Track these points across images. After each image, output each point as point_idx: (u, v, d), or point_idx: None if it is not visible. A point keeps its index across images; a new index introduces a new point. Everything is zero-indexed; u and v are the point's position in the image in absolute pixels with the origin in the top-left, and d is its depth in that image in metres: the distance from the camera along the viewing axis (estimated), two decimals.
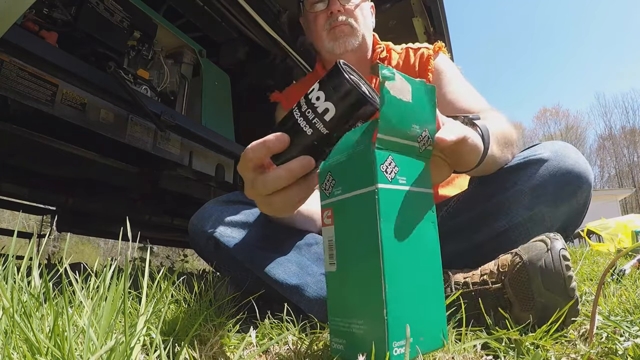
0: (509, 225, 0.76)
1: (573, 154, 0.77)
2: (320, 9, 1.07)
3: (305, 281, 0.76)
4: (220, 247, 0.82)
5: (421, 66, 1.08)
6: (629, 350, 0.45)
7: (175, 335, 0.53)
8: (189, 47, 1.86)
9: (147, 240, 2.34)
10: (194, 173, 1.74)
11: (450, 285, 0.68)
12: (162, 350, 0.40)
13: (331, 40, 1.06)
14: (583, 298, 0.79)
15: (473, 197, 0.83)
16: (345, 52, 1.06)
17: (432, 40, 2.42)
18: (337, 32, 1.05)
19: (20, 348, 0.39)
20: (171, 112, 1.50)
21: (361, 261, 0.45)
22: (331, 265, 0.49)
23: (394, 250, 0.44)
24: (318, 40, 1.10)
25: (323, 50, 1.11)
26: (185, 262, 5.44)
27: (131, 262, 1.37)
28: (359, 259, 0.45)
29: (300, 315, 0.72)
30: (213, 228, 0.82)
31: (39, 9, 1.22)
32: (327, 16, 1.06)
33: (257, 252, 0.80)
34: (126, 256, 0.50)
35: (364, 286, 0.45)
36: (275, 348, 0.56)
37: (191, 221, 0.87)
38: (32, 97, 1.11)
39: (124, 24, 1.45)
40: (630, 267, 1.07)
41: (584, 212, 0.80)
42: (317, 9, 1.07)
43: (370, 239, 0.44)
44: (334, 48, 1.06)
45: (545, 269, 0.58)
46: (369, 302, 0.44)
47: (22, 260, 0.62)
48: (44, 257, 2.80)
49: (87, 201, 1.96)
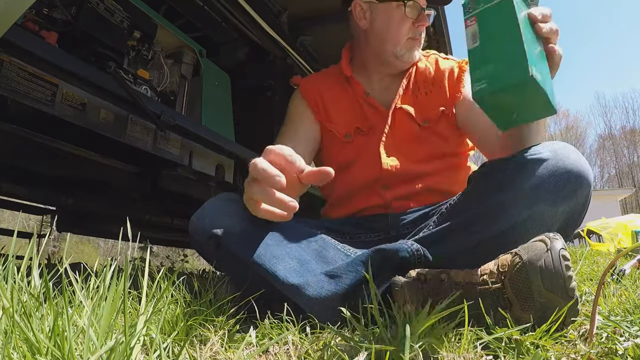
0: (509, 224, 0.76)
1: (573, 154, 0.77)
2: (410, 17, 1.07)
3: (305, 280, 0.76)
4: (221, 245, 0.82)
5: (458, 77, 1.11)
6: (629, 350, 0.45)
7: (175, 335, 0.53)
8: (189, 47, 1.86)
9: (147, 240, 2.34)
10: (194, 173, 1.74)
11: (450, 286, 0.68)
12: (162, 350, 0.40)
13: (407, 50, 1.09)
14: (583, 298, 0.79)
15: (472, 196, 0.84)
16: (409, 62, 1.12)
17: (432, 40, 2.42)
18: (415, 44, 1.10)
19: (20, 348, 0.39)
20: (171, 112, 1.50)
21: (501, 31, 0.70)
22: (474, 44, 0.73)
23: (524, 25, 0.69)
24: (390, 42, 1.09)
25: (388, 52, 1.10)
26: (185, 262, 5.44)
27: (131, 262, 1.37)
28: (500, 32, 0.70)
29: (301, 315, 0.72)
30: (214, 226, 0.82)
31: (39, 9, 1.22)
32: (413, 26, 1.08)
33: (257, 250, 0.79)
34: (126, 256, 0.50)
35: (504, 42, 0.69)
36: (275, 348, 0.56)
37: (191, 220, 0.87)
38: (32, 97, 1.11)
39: (124, 24, 1.45)
40: (630, 267, 1.07)
41: (584, 211, 0.80)
42: (408, 14, 1.07)
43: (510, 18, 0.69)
44: (405, 56, 1.09)
45: (545, 269, 0.58)
46: (509, 50, 0.68)
47: (22, 260, 0.62)
48: (44, 257, 2.80)
49: (87, 201, 1.96)
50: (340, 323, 0.63)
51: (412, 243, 0.79)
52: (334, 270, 0.76)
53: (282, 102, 2.12)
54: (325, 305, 0.73)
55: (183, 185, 1.78)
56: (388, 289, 0.73)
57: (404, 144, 1.08)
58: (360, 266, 0.75)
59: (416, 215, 1.00)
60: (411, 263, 0.78)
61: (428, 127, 1.08)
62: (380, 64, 1.14)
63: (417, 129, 1.08)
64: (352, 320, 0.57)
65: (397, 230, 1.00)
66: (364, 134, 1.10)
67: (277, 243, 0.82)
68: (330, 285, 0.75)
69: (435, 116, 1.09)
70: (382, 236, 1.01)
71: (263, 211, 0.70)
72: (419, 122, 1.09)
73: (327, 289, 0.74)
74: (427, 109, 1.10)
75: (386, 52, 1.11)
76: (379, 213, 1.05)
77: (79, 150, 1.52)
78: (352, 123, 1.12)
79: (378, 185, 1.06)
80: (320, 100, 1.16)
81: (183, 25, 1.88)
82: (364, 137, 1.10)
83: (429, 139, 1.08)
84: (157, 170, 1.69)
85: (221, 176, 1.84)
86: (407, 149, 1.08)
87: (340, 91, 1.17)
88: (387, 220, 1.03)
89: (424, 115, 1.09)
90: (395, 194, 1.04)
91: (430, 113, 1.09)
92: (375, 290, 0.60)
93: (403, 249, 0.78)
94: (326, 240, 0.91)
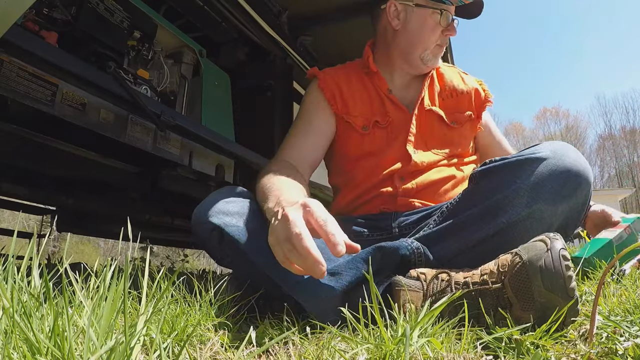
0: (508, 223, 0.76)
1: (572, 153, 0.77)
2: (441, 24, 1.10)
3: (306, 278, 0.76)
4: (224, 237, 0.81)
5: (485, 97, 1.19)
6: (629, 350, 0.45)
7: (175, 336, 0.53)
8: (189, 47, 1.86)
9: (147, 240, 2.34)
10: (194, 173, 1.74)
11: (450, 285, 0.68)
12: (162, 350, 0.40)
13: (433, 55, 1.14)
14: (583, 298, 0.79)
15: (472, 195, 0.84)
16: (433, 68, 1.18)
17: None
18: (439, 52, 1.15)
19: (20, 348, 0.39)
20: (171, 112, 1.50)
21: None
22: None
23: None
24: (419, 46, 1.12)
25: (415, 54, 1.13)
26: (185, 262, 5.45)
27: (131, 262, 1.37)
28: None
29: (301, 315, 0.72)
30: (217, 218, 0.82)
31: (39, 9, 1.22)
32: (442, 34, 1.12)
33: (261, 243, 0.79)
34: (126, 256, 0.50)
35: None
36: (275, 348, 0.56)
37: (194, 212, 0.87)
38: (32, 97, 1.11)
39: (124, 24, 1.45)
40: (630, 267, 1.07)
41: (584, 210, 0.80)
42: (441, 22, 1.10)
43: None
44: (430, 61, 1.14)
45: (545, 269, 0.58)
46: None
47: (22, 260, 0.62)
48: (44, 257, 2.80)
49: (87, 201, 1.96)
50: (341, 322, 0.63)
51: (413, 241, 0.79)
52: (335, 268, 0.76)
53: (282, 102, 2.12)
54: (325, 303, 0.73)
55: (183, 185, 1.78)
56: (388, 289, 0.73)
57: (431, 141, 1.12)
58: (361, 264, 0.75)
59: (419, 215, 1.00)
60: (411, 261, 0.78)
61: (456, 128, 1.14)
62: (405, 63, 1.17)
63: (444, 129, 1.14)
64: (352, 320, 0.57)
65: (401, 230, 1.01)
66: (383, 128, 1.13)
67: None
68: (330, 282, 0.74)
69: (463, 119, 1.14)
70: (385, 235, 1.01)
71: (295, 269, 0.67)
72: (447, 122, 1.14)
73: (328, 285, 0.74)
74: (455, 111, 1.15)
75: (413, 54, 1.14)
76: (383, 212, 1.05)
77: (79, 150, 1.52)
78: (371, 116, 1.14)
79: (396, 176, 1.08)
80: (339, 92, 1.17)
81: (183, 25, 1.88)
82: (381, 130, 1.13)
83: (455, 140, 1.14)
84: (157, 170, 1.69)
85: (221, 176, 1.84)
86: (433, 146, 1.12)
87: (360, 85, 1.19)
88: (390, 219, 1.03)
89: (452, 116, 1.14)
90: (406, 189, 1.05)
91: (458, 115, 1.15)
92: (375, 288, 0.60)
93: (403, 247, 0.78)
94: None
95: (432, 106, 1.14)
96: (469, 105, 1.17)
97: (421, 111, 1.13)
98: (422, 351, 0.47)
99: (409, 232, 0.97)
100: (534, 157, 0.77)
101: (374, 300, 0.57)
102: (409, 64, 1.16)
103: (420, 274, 0.73)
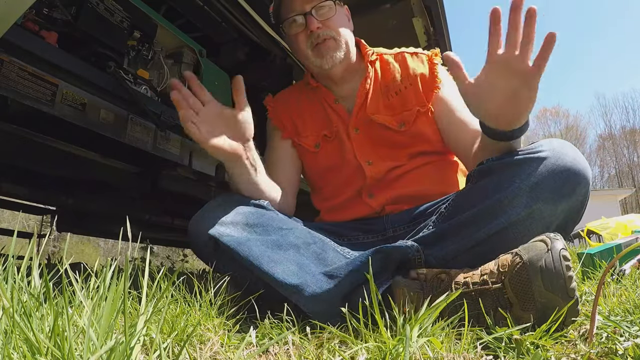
0: (508, 222, 0.76)
1: (571, 152, 0.77)
2: (300, 30, 1.05)
3: (304, 280, 0.76)
4: (219, 247, 0.83)
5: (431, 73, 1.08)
6: (629, 350, 0.45)
7: (175, 336, 0.53)
8: (189, 47, 1.85)
9: (148, 240, 2.34)
10: (194, 173, 1.74)
11: (450, 286, 0.67)
12: (162, 350, 0.40)
13: (318, 58, 1.05)
14: (583, 298, 0.79)
15: (472, 194, 0.84)
16: (334, 66, 1.06)
17: (432, 40, 2.42)
18: (322, 49, 1.04)
19: (20, 348, 0.39)
20: (171, 112, 1.49)
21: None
22: None
23: None
24: (305, 59, 1.08)
25: (311, 66, 1.10)
26: (185, 262, 5.44)
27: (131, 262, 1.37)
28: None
29: (301, 315, 0.72)
30: (212, 228, 0.83)
31: (39, 9, 1.21)
32: (308, 34, 1.04)
33: (256, 252, 0.80)
34: (126, 256, 0.50)
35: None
36: (275, 348, 0.56)
37: (191, 223, 0.89)
38: (32, 97, 1.11)
39: (124, 24, 1.45)
40: (630, 267, 1.07)
41: (583, 209, 0.80)
42: (296, 30, 1.06)
43: None
44: (322, 64, 1.05)
45: (545, 269, 0.58)
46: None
47: (22, 260, 0.62)
48: (44, 257, 2.79)
49: (87, 201, 1.96)
50: (341, 323, 0.63)
51: (412, 243, 0.79)
52: (333, 271, 0.77)
53: None
54: (324, 305, 0.73)
55: (183, 185, 1.78)
56: (388, 289, 0.73)
57: (381, 149, 1.06)
58: (361, 266, 0.75)
59: (412, 214, 1.00)
60: (411, 263, 0.78)
61: (405, 129, 1.05)
62: (320, 77, 1.14)
63: (393, 135, 1.06)
64: (353, 321, 0.57)
65: (395, 231, 1.00)
66: (332, 140, 1.10)
67: (276, 246, 0.82)
68: (329, 284, 0.75)
69: (412, 117, 1.05)
70: (380, 237, 1.01)
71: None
72: (394, 128, 1.06)
73: (326, 288, 0.74)
74: (402, 109, 1.07)
75: (311, 67, 1.11)
76: (374, 217, 1.05)
77: (79, 150, 1.52)
78: (320, 131, 1.12)
79: (364, 194, 1.06)
80: (288, 116, 1.17)
81: (183, 25, 1.88)
82: (331, 143, 1.10)
83: (409, 141, 1.06)
84: (157, 170, 1.69)
85: (221, 176, 1.83)
86: (386, 155, 1.06)
87: (308, 102, 1.17)
88: (382, 222, 1.03)
89: (399, 117, 1.06)
90: (382, 201, 1.04)
91: (406, 114, 1.06)
92: (375, 288, 0.60)
93: (403, 248, 0.78)
94: (325, 242, 0.92)
95: (373, 115, 1.07)
96: (416, 99, 1.06)
97: (361, 120, 1.08)
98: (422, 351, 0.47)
99: (405, 231, 0.97)
100: (533, 157, 0.77)
101: (374, 301, 0.57)
102: (314, 72, 1.14)
103: (420, 274, 0.73)
